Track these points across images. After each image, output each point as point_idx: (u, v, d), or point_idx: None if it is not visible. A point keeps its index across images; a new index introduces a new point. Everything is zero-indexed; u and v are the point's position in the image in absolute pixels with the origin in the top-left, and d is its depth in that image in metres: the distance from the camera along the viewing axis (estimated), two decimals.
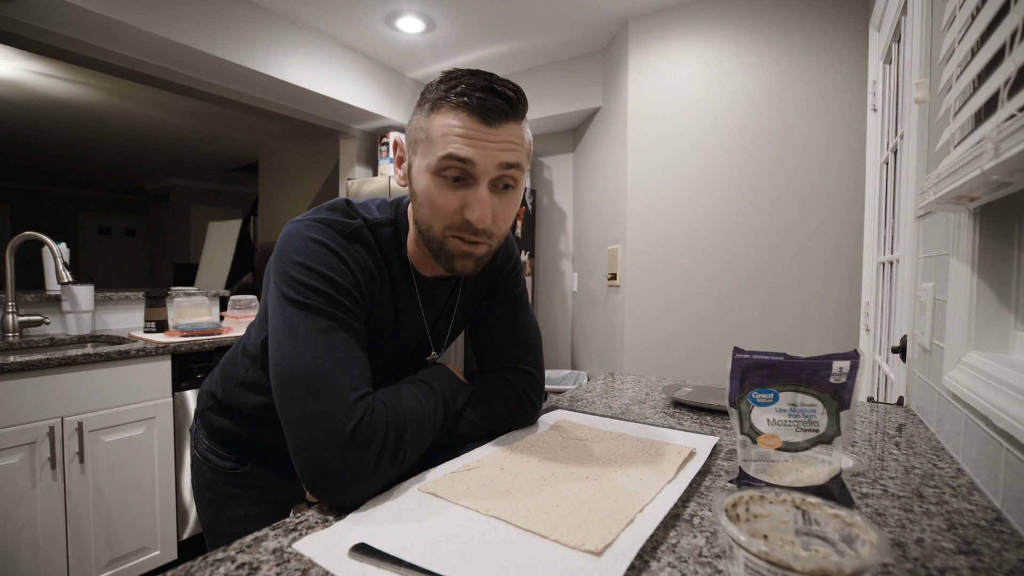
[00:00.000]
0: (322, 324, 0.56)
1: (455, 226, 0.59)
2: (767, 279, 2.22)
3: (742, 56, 2.24)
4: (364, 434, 0.50)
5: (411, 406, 0.58)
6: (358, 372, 0.55)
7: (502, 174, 0.58)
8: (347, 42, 2.77)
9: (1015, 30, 0.46)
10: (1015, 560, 0.41)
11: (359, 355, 0.57)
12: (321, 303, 0.57)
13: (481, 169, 0.57)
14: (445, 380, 0.67)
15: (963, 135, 0.65)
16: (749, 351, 0.50)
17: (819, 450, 0.49)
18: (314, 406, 0.51)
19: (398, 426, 0.54)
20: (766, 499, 0.38)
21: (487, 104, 0.56)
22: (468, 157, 0.56)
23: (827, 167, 2.10)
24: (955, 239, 0.69)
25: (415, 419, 0.57)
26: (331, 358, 0.54)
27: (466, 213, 0.58)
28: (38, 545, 1.41)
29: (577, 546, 0.40)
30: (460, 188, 0.58)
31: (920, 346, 0.89)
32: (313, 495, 0.50)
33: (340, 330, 0.56)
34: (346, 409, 0.51)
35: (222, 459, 0.82)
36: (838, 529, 0.36)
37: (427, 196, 0.59)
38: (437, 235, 0.60)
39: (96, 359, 1.53)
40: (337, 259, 0.59)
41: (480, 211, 0.57)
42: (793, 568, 0.30)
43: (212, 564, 0.39)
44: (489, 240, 0.61)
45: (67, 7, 1.82)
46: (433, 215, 0.59)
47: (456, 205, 0.58)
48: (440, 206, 0.58)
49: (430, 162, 0.57)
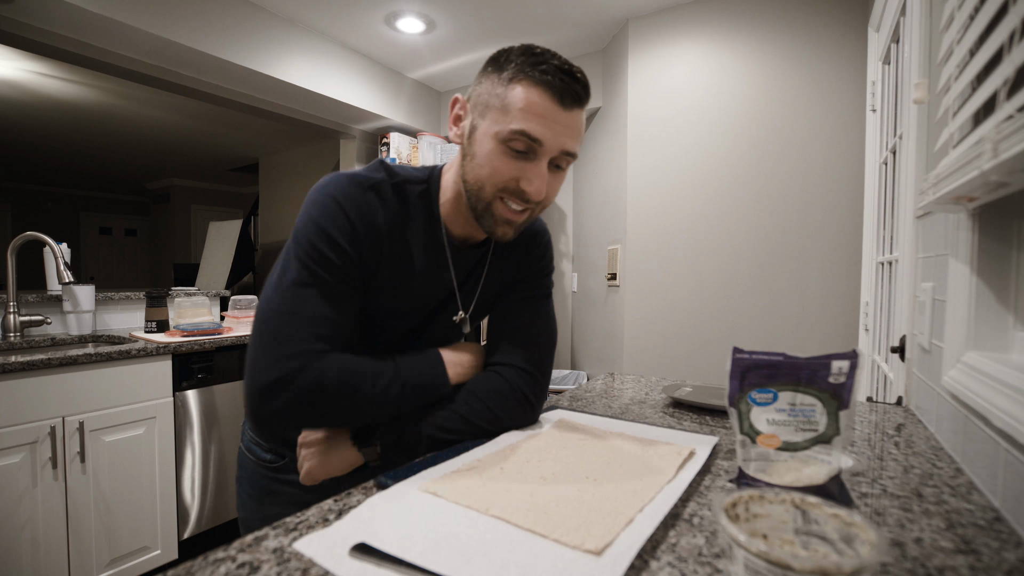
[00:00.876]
0: (302, 278, 0.60)
1: (507, 190, 0.63)
2: (767, 279, 2.22)
3: (742, 56, 2.24)
4: (279, 387, 0.56)
5: (347, 374, 0.59)
6: (311, 329, 0.59)
7: (560, 157, 0.62)
8: (347, 42, 2.77)
9: (1013, 31, 0.47)
10: (1014, 560, 0.41)
11: (326, 313, 0.60)
12: (310, 258, 0.61)
13: (546, 149, 0.60)
14: (422, 365, 0.67)
15: (962, 135, 0.65)
16: (748, 351, 0.50)
17: (818, 450, 0.49)
18: (257, 350, 0.59)
19: (317, 388, 0.57)
20: (765, 499, 0.38)
21: (567, 88, 0.59)
22: (540, 138, 0.59)
23: (826, 167, 2.10)
24: (954, 239, 0.69)
25: (345, 387, 0.59)
26: (291, 310, 0.59)
27: (523, 184, 0.62)
28: (39, 544, 1.41)
29: (577, 545, 0.40)
30: (521, 160, 0.61)
31: (919, 346, 0.89)
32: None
33: (315, 287, 0.60)
34: (278, 361, 0.57)
35: (264, 451, 0.81)
36: (837, 529, 0.36)
37: (488, 159, 0.62)
38: (487, 196, 0.63)
39: (97, 359, 1.53)
40: (342, 214, 0.62)
41: (538, 184, 0.61)
42: (792, 567, 0.30)
43: (212, 563, 0.40)
44: (535, 209, 0.65)
45: (67, 7, 1.82)
46: (490, 176, 0.62)
47: (514, 174, 0.62)
48: (499, 170, 0.61)
49: (500, 130, 0.60)
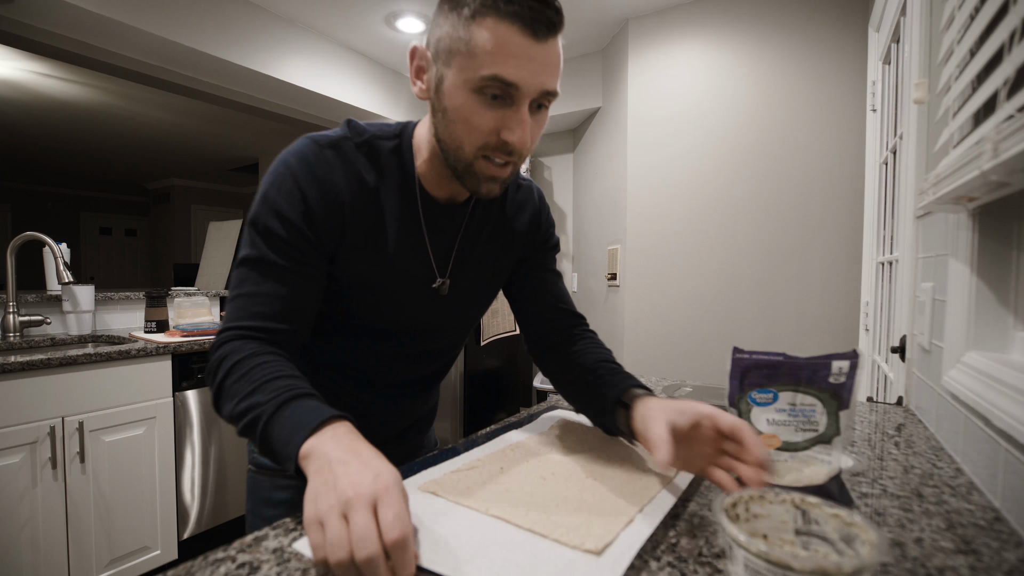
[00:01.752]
0: (248, 254, 0.58)
1: (489, 147, 0.56)
2: (767, 279, 2.22)
3: (742, 56, 2.24)
4: (209, 356, 0.57)
5: (231, 377, 0.53)
6: (246, 307, 0.57)
7: (540, 97, 0.56)
8: (347, 42, 2.77)
9: (1014, 31, 0.47)
10: (1014, 560, 0.41)
11: (266, 290, 0.57)
12: (258, 233, 0.58)
13: (525, 92, 0.54)
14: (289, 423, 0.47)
15: (962, 135, 0.65)
16: (749, 351, 0.50)
17: (818, 450, 0.49)
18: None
19: (214, 368, 0.55)
20: (766, 499, 0.38)
21: (538, 16, 0.52)
22: (516, 81, 0.52)
23: (827, 167, 2.10)
24: (954, 239, 0.69)
25: (224, 387, 0.54)
26: (236, 289, 0.58)
27: (504, 134, 0.55)
28: (39, 544, 1.41)
29: (577, 546, 0.40)
30: (499, 107, 0.55)
31: (919, 346, 0.89)
32: None
33: (259, 265, 0.58)
34: (218, 334, 0.57)
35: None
36: (837, 529, 0.36)
37: (462, 114, 0.55)
38: (467, 156, 0.57)
39: (97, 359, 1.53)
40: (293, 183, 0.58)
41: (521, 133, 0.55)
42: (792, 568, 0.30)
43: (212, 563, 0.40)
44: (518, 161, 0.59)
45: (67, 7, 1.82)
46: (467, 134, 0.56)
47: (493, 125, 0.55)
48: (476, 125, 0.55)
49: (470, 77, 0.53)
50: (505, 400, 3.15)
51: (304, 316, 0.61)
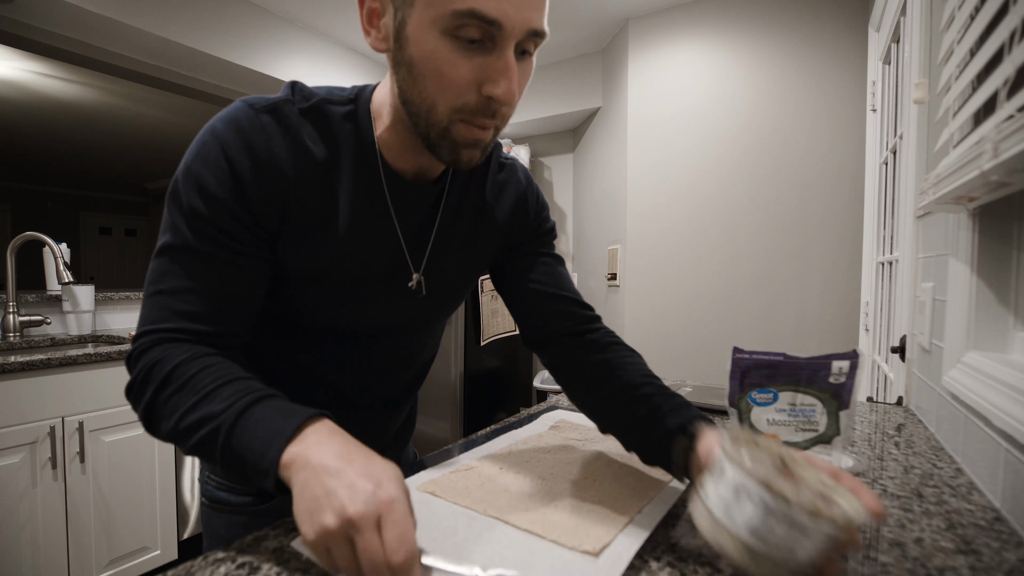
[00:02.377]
0: (170, 240, 0.48)
1: (468, 108, 0.45)
2: (767, 279, 2.22)
3: (742, 56, 2.24)
4: (128, 365, 0.48)
5: (169, 385, 0.44)
6: (169, 305, 0.47)
7: (526, 40, 0.45)
8: (347, 42, 2.77)
9: (1014, 30, 0.46)
10: (1014, 560, 0.41)
11: (190, 285, 0.47)
12: (180, 214, 0.47)
13: (508, 32, 0.43)
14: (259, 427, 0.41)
15: (962, 135, 0.65)
16: (749, 351, 0.50)
17: (818, 450, 0.49)
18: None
19: (143, 381, 0.46)
20: (760, 446, 0.37)
21: None
22: (496, 18, 0.41)
23: (826, 167, 2.10)
24: (954, 239, 0.69)
25: (163, 401, 0.44)
26: (153, 282, 0.48)
27: (487, 88, 0.44)
28: (39, 545, 1.41)
29: (575, 546, 0.40)
30: (477, 54, 0.44)
31: (919, 346, 0.89)
32: None
33: (183, 252, 0.47)
34: (133, 340, 0.47)
35: (240, 494, 0.64)
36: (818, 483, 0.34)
37: (433, 65, 0.44)
38: (441, 119, 0.46)
39: (97, 359, 1.53)
40: (220, 153, 0.47)
41: (507, 85, 0.44)
42: (790, 501, 0.29)
43: (212, 563, 0.40)
44: (501, 123, 0.49)
45: (67, 7, 1.82)
46: (441, 91, 0.45)
47: (472, 78, 0.44)
48: (452, 79, 0.44)
49: (439, 15, 0.42)
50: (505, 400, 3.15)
51: (241, 314, 0.50)
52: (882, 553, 0.41)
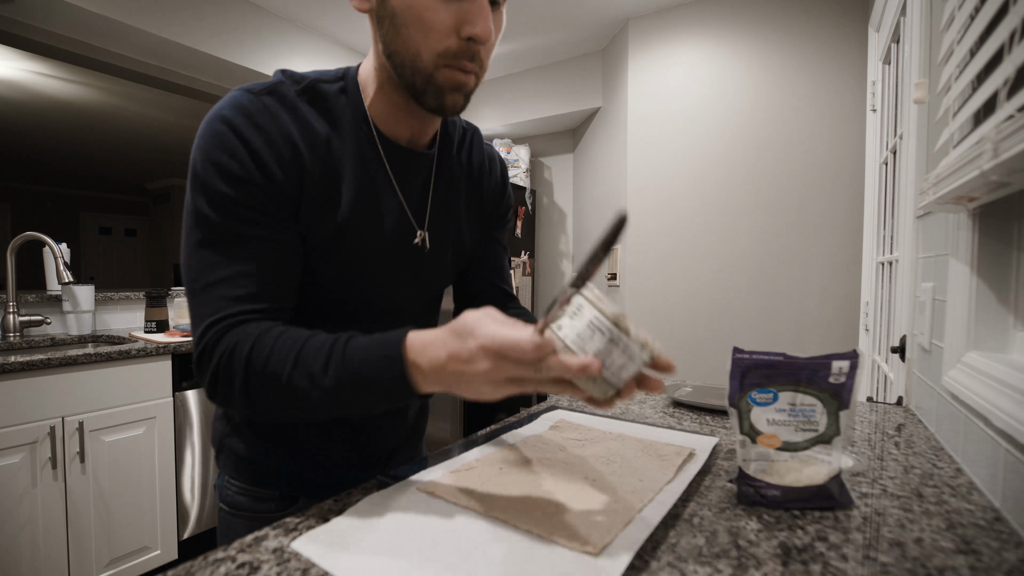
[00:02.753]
0: (203, 235, 0.49)
1: (450, 52, 0.49)
2: (767, 279, 2.22)
3: (742, 56, 2.24)
4: (201, 364, 0.49)
5: (264, 352, 0.46)
6: (224, 293, 0.48)
7: None
8: (347, 42, 2.77)
9: (1014, 30, 0.47)
10: (1014, 560, 0.41)
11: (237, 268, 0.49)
12: (207, 203, 0.49)
13: None
14: (372, 350, 0.45)
15: (962, 135, 0.65)
16: (749, 351, 0.50)
17: (819, 450, 0.49)
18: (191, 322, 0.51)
19: (229, 363, 0.47)
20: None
21: None
22: None
23: (826, 167, 2.10)
24: (954, 239, 0.69)
25: (263, 368, 0.46)
26: (202, 279, 0.49)
27: (466, 30, 0.48)
28: (39, 545, 1.41)
29: (575, 546, 0.40)
30: (453, 0, 0.48)
31: (919, 346, 0.89)
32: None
33: (219, 241, 0.49)
34: (198, 337, 0.49)
35: (262, 500, 0.65)
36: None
37: (413, 13, 0.47)
38: (426, 65, 0.49)
39: (97, 359, 1.53)
40: (233, 136, 0.49)
41: (484, 23, 0.48)
42: (629, 333, 0.38)
43: (213, 564, 0.40)
44: (480, 70, 0.52)
45: (67, 7, 1.82)
46: (423, 37, 0.48)
47: (452, 22, 0.48)
48: (432, 24, 0.47)
49: None
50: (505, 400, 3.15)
51: (289, 286, 0.53)
52: (882, 553, 0.41)
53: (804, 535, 0.44)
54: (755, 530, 0.45)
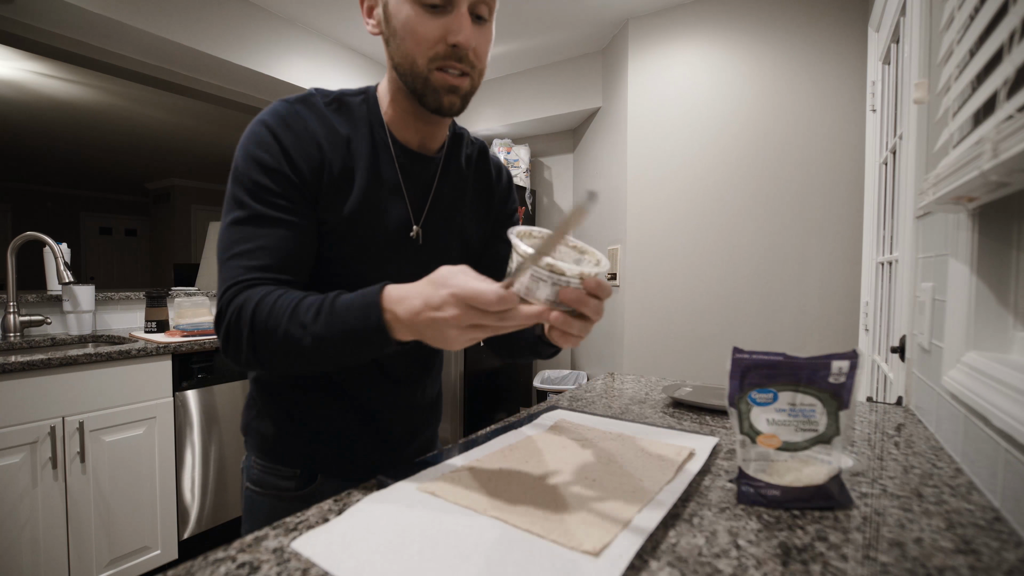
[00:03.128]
0: (237, 215, 0.59)
1: (439, 56, 0.59)
2: (766, 279, 2.22)
3: (742, 56, 2.24)
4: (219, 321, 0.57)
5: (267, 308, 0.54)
6: (244, 261, 0.57)
7: (477, 3, 0.59)
8: (347, 42, 2.77)
9: (1013, 31, 0.47)
10: (1014, 560, 0.41)
11: (261, 243, 0.58)
12: (243, 190, 0.59)
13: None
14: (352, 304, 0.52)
15: (962, 135, 0.65)
16: (748, 351, 0.50)
17: (818, 450, 0.49)
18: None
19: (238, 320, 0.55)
20: (534, 236, 0.52)
21: None
22: None
23: (826, 167, 2.10)
24: (954, 239, 0.69)
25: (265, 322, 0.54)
26: (227, 249, 0.58)
27: (450, 38, 0.58)
28: (39, 544, 1.41)
29: (575, 546, 0.40)
30: (440, 15, 0.58)
31: (919, 346, 0.89)
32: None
33: (249, 220, 0.59)
34: (218, 299, 0.57)
35: (283, 477, 0.71)
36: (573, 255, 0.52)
37: (408, 27, 0.59)
38: (422, 69, 0.60)
39: (97, 359, 1.53)
40: (270, 135, 0.60)
41: (465, 33, 0.58)
42: (565, 273, 0.44)
43: (213, 563, 0.40)
44: (472, 72, 0.62)
45: (67, 7, 1.82)
46: (416, 46, 0.59)
47: (438, 33, 0.58)
48: (422, 35, 0.58)
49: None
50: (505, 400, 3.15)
51: (303, 264, 0.62)
52: (882, 553, 0.41)
53: (804, 535, 0.44)
54: (755, 530, 0.45)
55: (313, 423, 0.72)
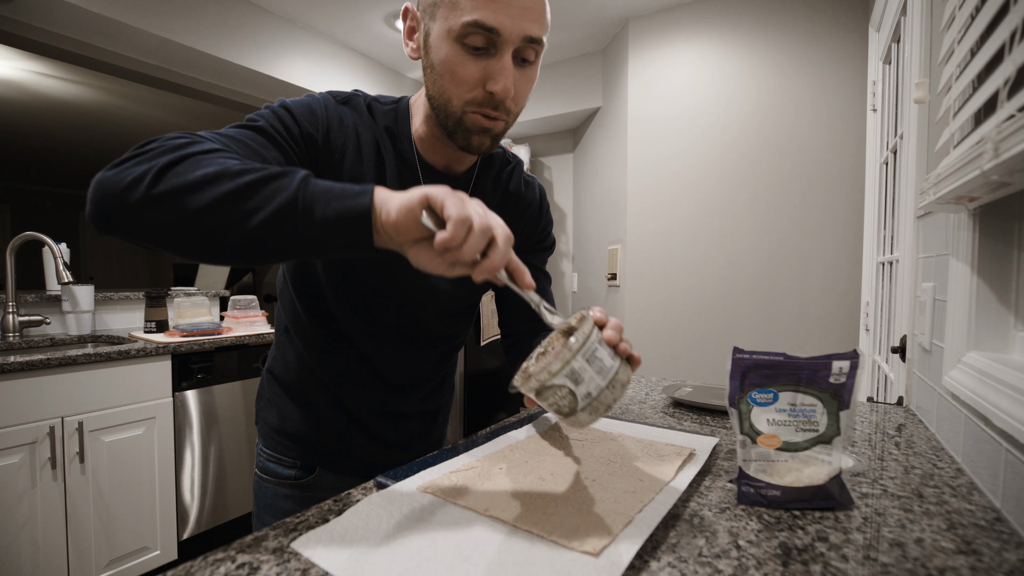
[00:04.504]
0: (246, 124, 0.56)
1: (476, 101, 0.56)
2: (767, 279, 2.22)
3: (742, 56, 2.24)
4: (134, 155, 0.46)
5: (202, 151, 0.45)
6: (215, 137, 0.51)
7: (524, 47, 0.55)
8: (347, 42, 2.77)
9: (1014, 30, 0.46)
10: (1015, 560, 0.41)
11: (247, 142, 0.53)
12: (259, 116, 0.58)
13: (506, 38, 0.54)
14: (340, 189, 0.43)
15: (963, 135, 0.65)
16: (749, 351, 0.50)
17: (819, 450, 0.49)
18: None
19: (160, 150, 0.45)
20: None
21: None
22: (495, 26, 0.52)
23: (827, 167, 2.10)
24: (955, 239, 0.69)
25: (188, 157, 0.44)
26: (216, 132, 0.53)
27: (489, 85, 0.55)
28: (38, 545, 1.41)
29: (575, 547, 0.40)
30: (482, 58, 0.55)
31: (920, 346, 0.89)
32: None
33: (245, 128, 0.55)
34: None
35: (285, 467, 0.75)
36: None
37: (447, 66, 0.56)
38: (456, 110, 0.58)
39: (96, 359, 1.53)
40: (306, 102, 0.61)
41: (504, 82, 0.55)
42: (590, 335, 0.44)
43: (212, 564, 0.40)
44: (507, 117, 0.59)
45: (67, 7, 1.82)
46: (453, 87, 0.56)
47: (478, 76, 0.55)
48: (462, 77, 0.55)
49: (452, 26, 0.54)
50: (505, 400, 3.15)
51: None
52: (882, 553, 0.41)
53: (804, 535, 0.44)
54: (755, 530, 0.45)
55: (313, 421, 0.74)
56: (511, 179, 0.77)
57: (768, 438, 0.50)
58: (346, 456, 0.76)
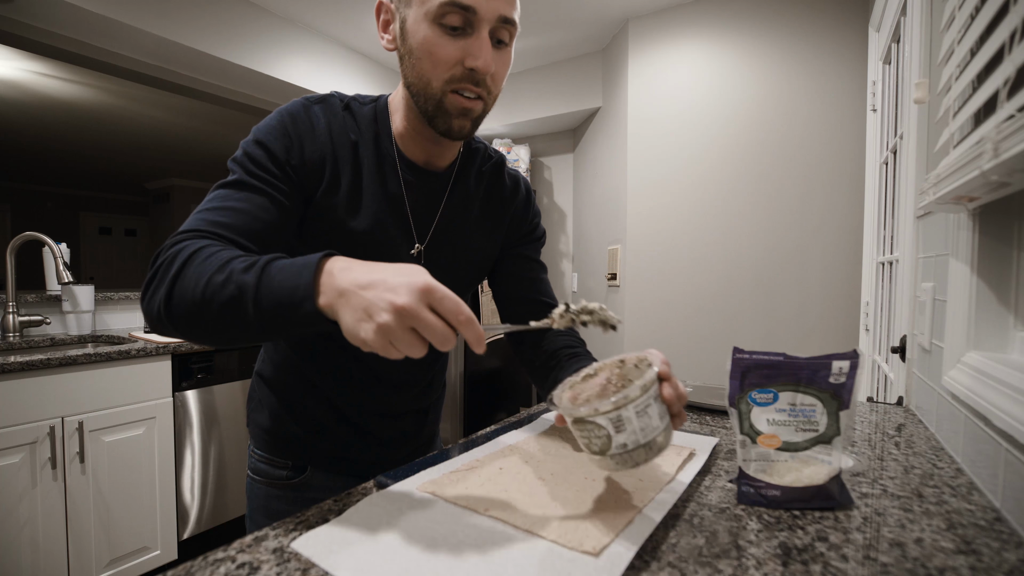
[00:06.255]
0: (220, 182, 0.58)
1: (455, 79, 0.57)
2: (767, 279, 2.22)
3: (742, 56, 2.24)
4: (154, 260, 0.51)
5: (201, 256, 0.49)
6: (207, 216, 0.54)
7: (499, 27, 0.57)
8: (347, 42, 2.77)
9: (1014, 30, 0.46)
10: (1014, 560, 0.41)
11: (230, 204, 0.55)
12: (237, 163, 0.59)
13: (482, 16, 0.55)
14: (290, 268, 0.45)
15: (962, 135, 0.65)
16: (749, 351, 0.50)
17: (819, 450, 0.49)
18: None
19: (168, 263, 0.49)
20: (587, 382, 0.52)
21: None
22: (471, 4, 0.54)
23: (827, 167, 2.10)
24: (955, 239, 0.69)
25: (194, 270, 0.48)
26: (199, 208, 0.56)
27: (468, 61, 0.56)
28: (39, 545, 1.41)
29: (575, 547, 0.40)
30: (460, 37, 0.56)
31: (919, 346, 0.89)
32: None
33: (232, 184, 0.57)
34: (162, 246, 0.53)
35: (276, 467, 0.75)
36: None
37: (425, 48, 0.56)
38: (436, 91, 0.58)
39: (96, 359, 1.53)
40: (279, 123, 0.61)
41: (484, 57, 0.56)
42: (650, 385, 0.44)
43: (212, 564, 0.40)
44: (487, 96, 0.60)
45: (67, 7, 1.82)
46: (433, 68, 0.57)
47: (457, 55, 0.56)
48: (440, 57, 0.56)
49: (429, 8, 0.55)
50: (505, 400, 3.15)
51: (271, 238, 0.57)
52: (882, 553, 0.41)
53: (804, 535, 0.44)
54: (755, 530, 0.45)
55: (304, 422, 0.74)
56: (494, 173, 0.77)
57: (768, 438, 0.50)
58: (337, 455, 0.76)
